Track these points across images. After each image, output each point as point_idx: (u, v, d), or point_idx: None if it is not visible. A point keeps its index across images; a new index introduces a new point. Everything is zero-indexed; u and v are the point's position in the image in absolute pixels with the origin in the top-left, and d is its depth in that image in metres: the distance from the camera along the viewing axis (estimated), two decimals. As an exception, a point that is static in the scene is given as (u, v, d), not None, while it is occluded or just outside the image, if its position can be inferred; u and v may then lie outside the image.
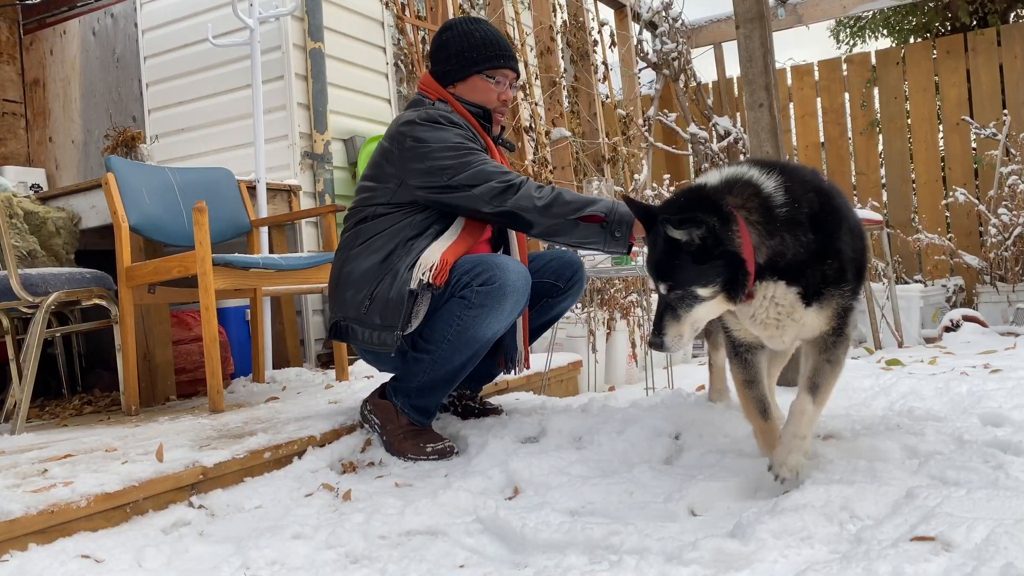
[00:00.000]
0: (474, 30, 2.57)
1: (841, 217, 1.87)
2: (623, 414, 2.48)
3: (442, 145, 2.39)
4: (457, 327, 2.33)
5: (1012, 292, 5.57)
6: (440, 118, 2.43)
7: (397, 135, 2.45)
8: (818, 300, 1.84)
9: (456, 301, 2.32)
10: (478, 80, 2.55)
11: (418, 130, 2.41)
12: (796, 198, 1.81)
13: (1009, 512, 1.50)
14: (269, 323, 3.96)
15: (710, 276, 1.76)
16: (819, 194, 1.86)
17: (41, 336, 2.89)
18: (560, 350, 3.86)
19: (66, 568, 1.62)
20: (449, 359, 2.37)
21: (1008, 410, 2.34)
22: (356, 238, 2.48)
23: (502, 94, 2.59)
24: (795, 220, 1.80)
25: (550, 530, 1.68)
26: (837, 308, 1.87)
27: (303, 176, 4.38)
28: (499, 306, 2.31)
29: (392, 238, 2.42)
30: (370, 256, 2.42)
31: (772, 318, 1.86)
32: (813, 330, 1.88)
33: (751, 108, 3.12)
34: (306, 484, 2.20)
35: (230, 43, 4.32)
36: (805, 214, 1.81)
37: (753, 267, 1.77)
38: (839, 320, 1.88)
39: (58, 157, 5.67)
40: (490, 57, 2.55)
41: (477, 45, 2.54)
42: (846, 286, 1.85)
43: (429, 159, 2.38)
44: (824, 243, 1.82)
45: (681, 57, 6.20)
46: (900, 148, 6.74)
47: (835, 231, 1.84)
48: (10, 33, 5.76)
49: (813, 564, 1.39)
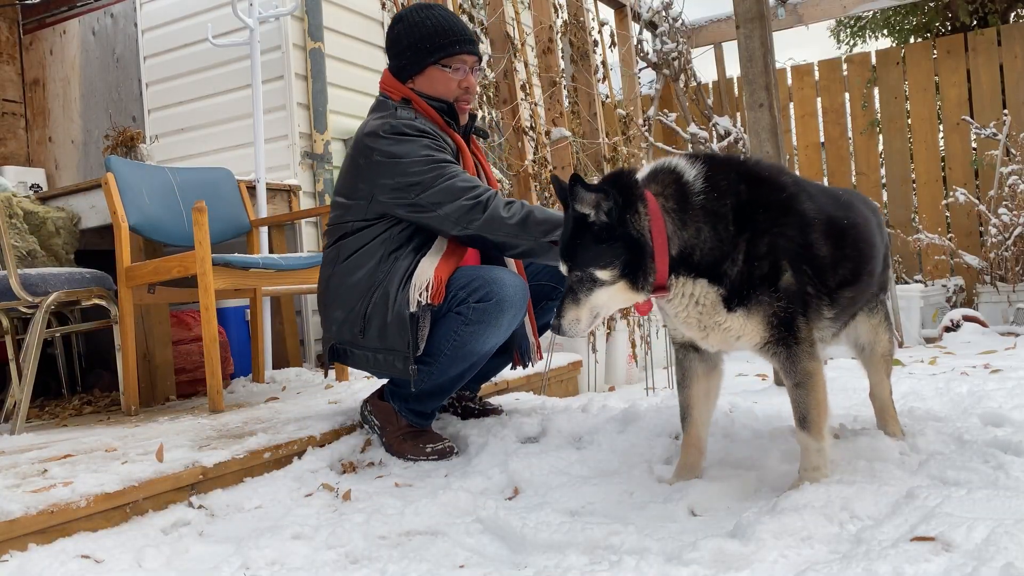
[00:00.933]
0: (425, 18, 2.44)
1: (785, 214, 1.73)
2: (623, 414, 2.48)
3: (409, 160, 2.29)
4: (454, 342, 2.30)
5: (1012, 292, 5.57)
6: (405, 128, 2.33)
7: (364, 148, 2.37)
8: (744, 304, 1.72)
9: (453, 317, 2.28)
10: (435, 71, 2.44)
11: (383, 143, 2.32)
12: (720, 189, 1.71)
13: (1009, 512, 1.50)
14: (269, 323, 3.96)
15: (610, 258, 1.67)
16: (755, 188, 1.73)
17: (41, 336, 2.89)
18: (560, 350, 3.86)
19: (66, 568, 1.62)
20: (446, 371, 2.35)
21: (1008, 410, 2.34)
22: (338, 255, 2.42)
23: (462, 81, 2.46)
24: (716, 212, 1.70)
25: (550, 530, 1.68)
26: (773, 314, 1.71)
27: (303, 176, 4.38)
28: (496, 322, 2.27)
29: (372, 254, 2.36)
30: (353, 274, 2.36)
31: (693, 318, 1.77)
32: (749, 337, 1.76)
33: (751, 108, 3.12)
34: (306, 484, 2.20)
35: (230, 43, 4.32)
36: (728, 206, 1.70)
37: (665, 257, 1.68)
38: (782, 328, 1.72)
39: (58, 157, 5.67)
40: (443, 45, 2.43)
41: (429, 34, 2.42)
42: (780, 290, 1.70)
43: (396, 175, 2.30)
44: (753, 240, 1.70)
45: (681, 57, 6.21)
46: (900, 148, 6.73)
47: (771, 228, 1.70)
48: (10, 33, 5.76)
49: (813, 564, 1.39)
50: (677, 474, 1.95)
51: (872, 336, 2.15)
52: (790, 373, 1.77)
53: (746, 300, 1.72)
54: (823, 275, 1.77)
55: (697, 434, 1.96)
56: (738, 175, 1.76)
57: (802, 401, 1.78)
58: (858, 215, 1.94)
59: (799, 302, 1.73)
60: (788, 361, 1.76)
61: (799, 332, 1.74)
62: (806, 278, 1.74)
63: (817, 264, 1.76)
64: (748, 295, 1.72)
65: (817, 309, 1.78)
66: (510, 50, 4.45)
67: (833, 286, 1.81)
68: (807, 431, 1.78)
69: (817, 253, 1.76)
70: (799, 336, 1.74)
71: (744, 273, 1.71)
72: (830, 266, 1.79)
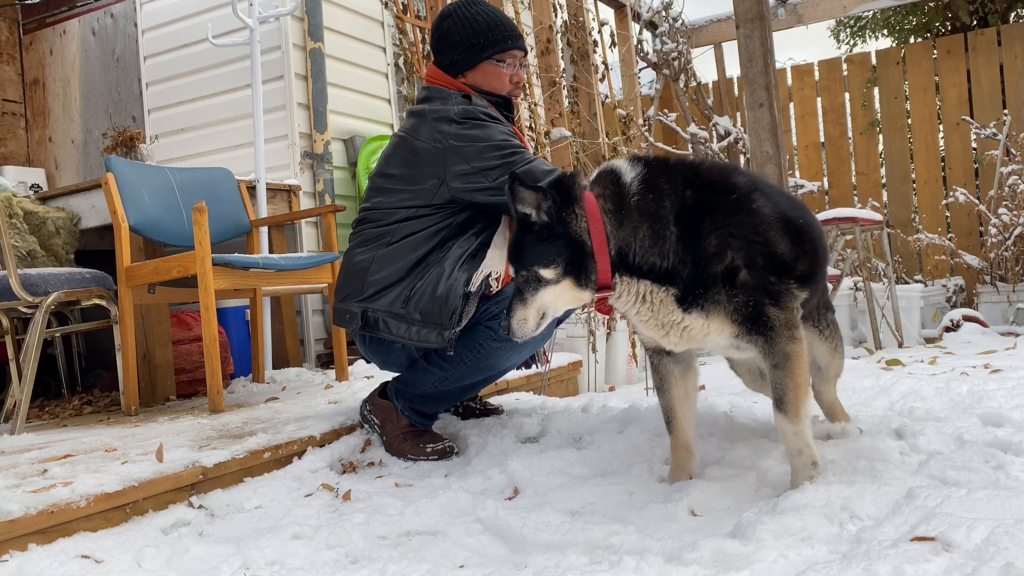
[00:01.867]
0: (476, 13, 2.45)
1: (734, 213, 1.75)
2: (623, 414, 2.48)
3: (487, 144, 2.28)
4: (477, 354, 2.30)
5: (1012, 292, 5.58)
6: (480, 114, 2.33)
7: (436, 133, 2.33)
8: (699, 304, 1.74)
9: (483, 330, 2.27)
10: (489, 66, 2.45)
11: (458, 128, 2.30)
12: (658, 191, 1.74)
13: (1009, 512, 1.50)
14: (269, 323, 3.96)
15: (552, 256, 1.71)
16: (701, 189, 1.76)
17: (41, 336, 2.89)
18: (560, 350, 3.86)
19: (66, 568, 1.62)
20: (461, 379, 2.35)
21: (1008, 410, 2.34)
22: (390, 236, 2.36)
23: (514, 76, 2.49)
24: (653, 213, 1.73)
25: (550, 530, 1.68)
26: (735, 310, 1.74)
27: (303, 176, 4.38)
28: (525, 343, 2.25)
29: (431, 238, 2.33)
30: (407, 254, 2.32)
31: (646, 317, 1.79)
32: (717, 334, 1.78)
33: (751, 108, 3.12)
34: (306, 484, 2.20)
35: (230, 43, 4.32)
36: (667, 208, 1.73)
37: (605, 255, 1.71)
38: (752, 321, 1.74)
39: (58, 157, 5.67)
40: (498, 40, 2.44)
41: (482, 29, 2.43)
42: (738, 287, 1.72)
43: (474, 160, 2.27)
44: (701, 241, 1.72)
45: (681, 57, 6.21)
46: (900, 148, 6.74)
47: (720, 228, 1.73)
48: (10, 33, 5.76)
49: (813, 564, 1.39)
50: (671, 476, 1.97)
51: (828, 359, 2.19)
52: (768, 355, 1.78)
53: (702, 299, 1.74)
54: (784, 268, 1.78)
55: (684, 436, 1.98)
56: (683, 179, 1.78)
57: (779, 382, 1.78)
58: (812, 216, 1.99)
59: (763, 293, 1.74)
60: (767, 345, 1.77)
61: (773, 319, 1.75)
62: (764, 272, 1.74)
63: (776, 259, 1.76)
64: (703, 294, 1.73)
65: (788, 293, 1.78)
66: (510, 50, 4.44)
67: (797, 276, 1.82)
68: (783, 412, 1.78)
69: (774, 249, 1.77)
70: (773, 322, 1.75)
71: (695, 274, 1.73)
72: (790, 259, 1.79)
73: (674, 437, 1.98)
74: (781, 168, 3.24)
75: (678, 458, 1.98)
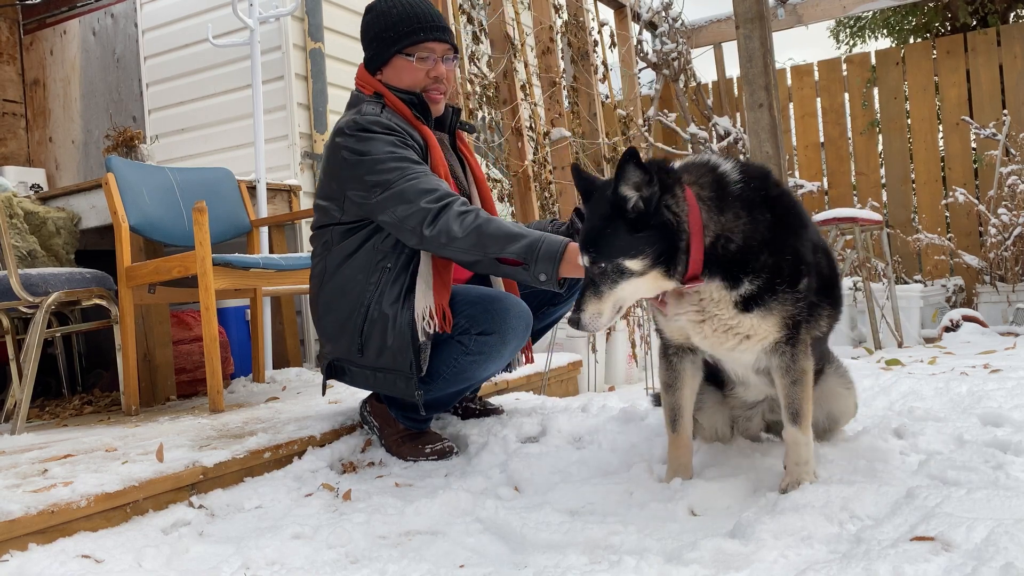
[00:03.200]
0: (392, 6, 2.34)
1: (803, 226, 1.80)
2: (623, 414, 2.48)
3: (372, 158, 2.20)
4: (454, 368, 2.28)
5: (1012, 292, 5.58)
6: (371, 125, 2.23)
7: (332, 146, 2.29)
8: (761, 304, 1.74)
9: (454, 345, 2.25)
10: (400, 61, 2.34)
11: (349, 141, 2.23)
12: (750, 187, 1.74)
13: (1009, 512, 1.50)
14: (269, 323, 3.96)
15: (643, 247, 1.63)
16: (780, 195, 1.79)
17: (41, 336, 2.89)
18: (560, 350, 3.86)
19: (66, 568, 1.62)
20: (445, 388, 2.35)
21: (1008, 410, 2.34)
22: (324, 269, 2.35)
23: (431, 71, 2.35)
24: (748, 207, 1.73)
25: (550, 530, 1.68)
26: (789, 316, 1.76)
27: (303, 176, 4.38)
28: (498, 354, 2.26)
29: (361, 267, 2.28)
30: (343, 289, 2.29)
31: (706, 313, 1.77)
32: (762, 336, 1.78)
33: (751, 108, 3.12)
34: (306, 484, 2.20)
35: (230, 43, 4.32)
36: (759, 203, 1.74)
37: (700, 247, 1.67)
38: (792, 330, 1.78)
39: (58, 157, 5.67)
40: (407, 33, 2.32)
41: (394, 22, 2.32)
42: (800, 294, 1.75)
43: (361, 173, 2.21)
44: (780, 244, 1.74)
45: (681, 57, 6.21)
46: (900, 148, 6.74)
47: (795, 234, 1.76)
48: (10, 33, 5.77)
49: (813, 564, 1.39)
50: (671, 474, 1.96)
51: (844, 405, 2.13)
52: (789, 371, 1.83)
53: (764, 301, 1.75)
54: (826, 287, 1.87)
55: (688, 435, 1.99)
56: (764, 179, 1.81)
57: (796, 396, 1.83)
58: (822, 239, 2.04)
59: (807, 307, 1.81)
60: (791, 359, 1.82)
61: (801, 334, 1.82)
62: (814, 285, 1.82)
63: (823, 277, 1.85)
64: (768, 296, 1.75)
65: (818, 314, 1.88)
66: (510, 50, 4.45)
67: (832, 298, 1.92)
68: (799, 426, 1.83)
69: (822, 268, 1.86)
70: (801, 337, 1.82)
71: (766, 275, 1.73)
72: (830, 280, 1.90)
73: (677, 435, 1.97)
74: (781, 168, 3.24)
75: (680, 457, 1.97)
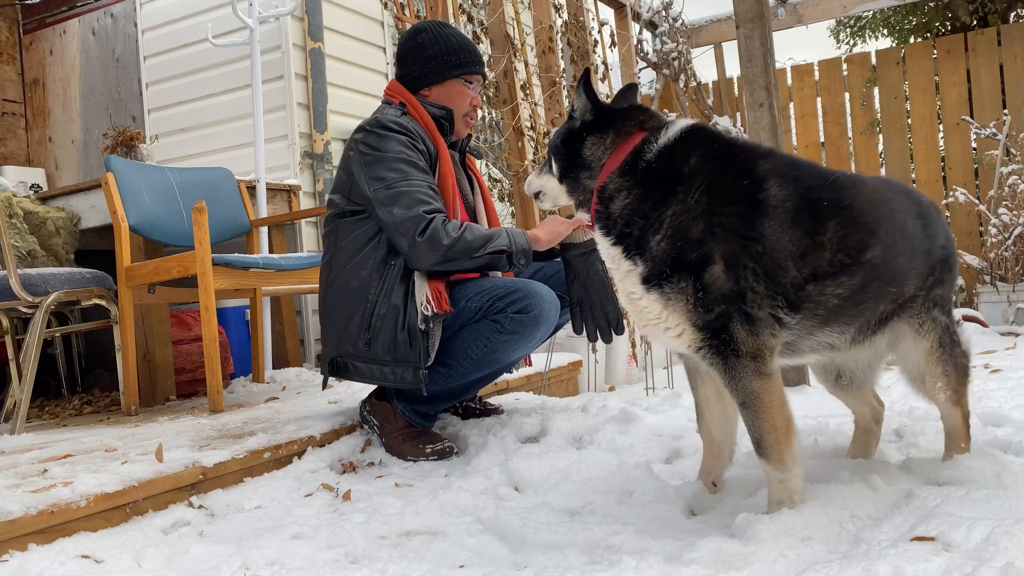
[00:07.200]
0: (450, 34, 2.54)
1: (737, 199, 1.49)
2: (623, 414, 2.48)
3: (381, 154, 2.33)
4: (484, 348, 2.32)
5: (1012, 292, 5.57)
6: (390, 123, 2.38)
7: (351, 141, 2.44)
8: (660, 285, 1.49)
9: (488, 324, 2.31)
10: (456, 84, 2.53)
11: (368, 137, 2.38)
12: (676, 156, 1.57)
13: (1009, 512, 1.50)
14: (269, 323, 3.96)
15: (561, 157, 1.75)
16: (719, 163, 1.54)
17: (41, 336, 2.89)
18: (560, 350, 3.86)
19: (66, 568, 1.62)
20: (467, 375, 2.38)
21: (1008, 410, 2.34)
22: (331, 265, 2.44)
23: (474, 99, 2.58)
24: (657, 176, 1.56)
25: (550, 530, 1.68)
26: (693, 310, 1.48)
27: (303, 176, 4.38)
28: (531, 335, 2.31)
29: (365, 263, 2.36)
30: (350, 285, 2.37)
31: (614, 273, 1.66)
32: (673, 330, 1.53)
33: (751, 108, 3.12)
34: (306, 484, 2.20)
35: (230, 43, 4.32)
36: (674, 175, 1.54)
37: (597, 190, 1.65)
38: (711, 333, 1.47)
39: (58, 157, 5.67)
40: (468, 62, 2.53)
41: (456, 49, 2.52)
42: (705, 283, 1.45)
43: (371, 166, 2.34)
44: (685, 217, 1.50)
45: (681, 57, 6.21)
46: (900, 148, 6.73)
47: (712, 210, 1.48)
48: (10, 33, 5.76)
49: (813, 564, 1.39)
50: (699, 475, 1.89)
51: (926, 366, 1.76)
52: (733, 391, 1.54)
53: (664, 281, 1.50)
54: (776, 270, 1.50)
55: (710, 435, 1.85)
56: (709, 150, 1.59)
57: (752, 424, 1.55)
58: (859, 197, 1.62)
59: (734, 302, 1.47)
60: (727, 375, 1.52)
61: (738, 342, 1.48)
62: (747, 273, 1.48)
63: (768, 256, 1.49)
64: (667, 276, 1.49)
65: (769, 313, 1.50)
66: (510, 50, 4.45)
67: (800, 281, 1.53)
68: (764, 459, 1.57)
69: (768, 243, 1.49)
70: (738, 347, 1.49)
71: (666, 250, 1.50)
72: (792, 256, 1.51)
73: (701, 436, 1.89)
74: (781, 168, 3.23)
75: (704, 459, 1.89)
